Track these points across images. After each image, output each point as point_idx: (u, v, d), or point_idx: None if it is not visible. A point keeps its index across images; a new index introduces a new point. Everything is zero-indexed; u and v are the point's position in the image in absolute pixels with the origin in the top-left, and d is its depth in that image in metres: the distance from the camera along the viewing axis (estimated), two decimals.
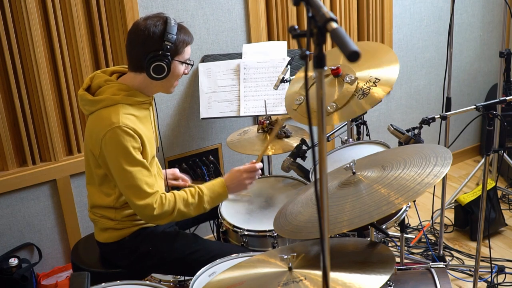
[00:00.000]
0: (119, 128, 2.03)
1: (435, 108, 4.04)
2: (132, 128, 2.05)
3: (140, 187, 2.06)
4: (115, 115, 2.06)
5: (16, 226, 2.88)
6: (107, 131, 2.04)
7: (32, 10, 2.64)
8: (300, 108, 2.38)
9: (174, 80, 2.19)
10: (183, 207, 2.13)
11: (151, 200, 2.07)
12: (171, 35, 2.07)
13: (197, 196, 2.16)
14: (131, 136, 2.05)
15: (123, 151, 2.04)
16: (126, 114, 2.08)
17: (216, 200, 2.21)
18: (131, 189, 2.07)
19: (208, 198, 2.17)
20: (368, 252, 1.74)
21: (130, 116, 2.09)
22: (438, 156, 1.78)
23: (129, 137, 2.04)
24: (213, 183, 2.21)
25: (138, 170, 2.07)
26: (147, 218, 2.11)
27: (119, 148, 2.04)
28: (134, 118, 2.10)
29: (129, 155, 2.05)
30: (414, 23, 3.77)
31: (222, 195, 2.21)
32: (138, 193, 2.07)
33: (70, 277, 1.91)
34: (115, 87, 2.12)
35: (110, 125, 2.04)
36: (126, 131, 2.04)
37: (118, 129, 2.03)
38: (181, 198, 2.13)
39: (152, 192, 2.08)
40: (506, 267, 3.06)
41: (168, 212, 2.10)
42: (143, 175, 2.07)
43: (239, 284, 1.66)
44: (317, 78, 1.16)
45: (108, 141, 2.04)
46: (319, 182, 1.23)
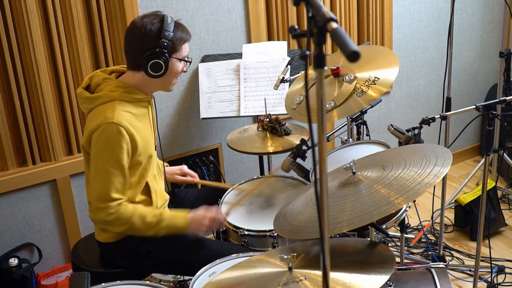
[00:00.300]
0: (112, 124, 2.03)
1: (435, 108, 4.04)
2: (125, 126, 2.04)
3: (107, 190, 2.05)
4: (111, 111, 2.06)
5: (16, 226, 2.88)
6: (100, 125, 2.04)
7: (32, 10, 2.64)
8: (299, 107, 2.38)
9: (173, 77, 2.18)
10: (138, 223, 2.10)
11: (110, 207, 2.05)
12: (168, 32, 2.07)
13: (156, 219, 2.12)
14: (122, 136, 2.03)
15: (108, 148, 2.04)
16: (122, 111, 2.07)
17: (172, 231, 2.16)
18: (98, 187, 2.06)
19: (165, 226, 2.13)
20: (368, 252, 1.74)
21: (127, 113, 2.08)
22: (438, 156, 1.78)
23: (119, 136, 2.03)
24: (176, 215, 2.18)
25: (114, 173, 2.05)
26: (98, 220, 2.11)
27: (107, 144, 2.04)
28: (130, 115, 2.09)
29: (113, 154, 2.04)
30: (414, 23, 3.77)
31: (179, 229, 2.16)
32: (103, 195, 2.05)
33: (70, 277, 1.91)
34: (113, 84, 2.13)
35: (104, 120, 2.04)
36: (118, 129, 2.03)
37: (111, 125, 2.03)
38: (140, 215, 2.10)
39: (116, 198, 2.07)
40: (506, 267, 3.06)
41: (120, 222, 2.08)
42: (117, 180, 2.06)
43: (239, 284, 1.66)
44: (317, 78, 1.16)
45: (98, 134, 2.04)
46: (319, 182, 1.23)
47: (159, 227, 2.12)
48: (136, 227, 2.10)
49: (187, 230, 2.17)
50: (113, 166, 2.05)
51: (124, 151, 2.05)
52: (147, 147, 2.16)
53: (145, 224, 2.11)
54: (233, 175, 3.42)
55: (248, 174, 3.43)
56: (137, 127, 2.10)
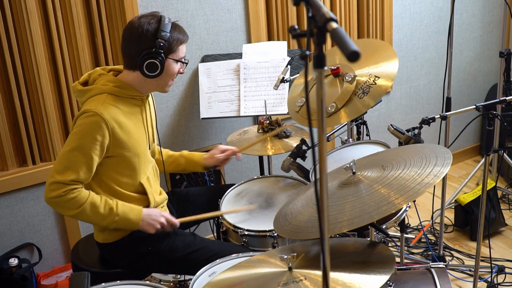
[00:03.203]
0: (94, 114, 2.03)
1: (435, 108, 4.04)
2: (106, 119, 2.03)
3: (67, 173, 2.03)
4: (97, 102, 2.06)
5: (16, 226, 2.88)
6: (84, 112, 2.05)
7: (32, 10, 2.64)
8: (302, 110, 2.38)
9: (169, 78, 2.18)
10: (89, 212, 2.08)
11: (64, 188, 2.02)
12: (164, 33, 2.07)
13: (109, 210, 2.11)
14: (100, 127, 2.03)
15: (83, 135, 2.03)
16: (111, 105, 2.07)
17: (123, 225, 2.14)
18: (58, 167, 2.04)
19: (118, 219, 2.11)
20: (368, 252, 1.74)
21: (114, 108, 2.08)
22: (438, 156, 1.78)
23: (97, 127, 2.03)
24: (131, 207, 2.15)
25: (80, 160, 2.04)
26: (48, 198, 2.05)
27: (82, 131, 2.03)
28: (117, 111, 2.09)
29: (85, 142, 2.03)
30: (414, 23, 3.77)
31: (131, 224, 2.15)
32: (61, 176, 2.03)
33: (70, 277, 1.91)
34: (106, 79, 2.14)
35: (88, 108, 2.05)
36: (97, 120, 2.02)
37: (93, 115, 2.03)
38: (92, 203, 2.08)
39: (73, 183, 2.04)
40: (506, 267, 3.06)
41: (71, 205, 2.05)
42: (80, 168, 2.04)
43: (239, 284, 1.66)
44: (317, 78, 1.16)
45: (79, 120, 2.05)
46: (319, 182, 1.23)
47: (111, 219, 2.11)
48: (87, 214, 2.08)
49: (139, 224, 2.15)
50: (82, 153, 2.04)
51: (97, 143, 2.04)
52: (135, 146, 2.15)
53: (97, 214, 2.09)
54: (233, 175, 3.42)
55: (248, 174, 3.43)
56: (122, 124, 2.09)
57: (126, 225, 2.15)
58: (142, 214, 2.16)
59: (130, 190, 2.20)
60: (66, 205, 2.06)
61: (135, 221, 2.15)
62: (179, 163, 2.54)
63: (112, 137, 2.07)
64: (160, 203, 2.33)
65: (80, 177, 2.05)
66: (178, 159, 2.53)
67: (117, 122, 2.07)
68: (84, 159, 2.04)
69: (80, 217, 2.12)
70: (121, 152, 2.12)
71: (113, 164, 2.13)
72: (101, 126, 2.03)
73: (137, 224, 2.15)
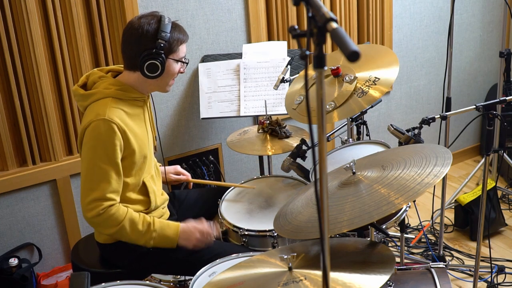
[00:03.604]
0: (104, 120, 2.02)
1: (435, 108, 4.04)
2: (116, 123, 2.03)
3: (100, 188, 2.02)
4: (103, 107, 2.06)
5: (16, 226, 2.88)
6: (92, 121, 2.04)
7: (32, 10, 2.64)
8: (299, 107, 2.38)
9: (169, 78, 2.18)
10: (129, 229, 2.08)
11: (101, 206, 2.02)
12: (164, 33, 2.07)
13: (147, 227, 2.10)
14: (114, 132, 2.03)
15: (100, 145, 2.03)
16: (115, 108, 2.07)
17: (162, 242, 2.13)
18: (90, 185, 2.03)
19: (156, 236, 2.11)
20: (368, 252, 1.74)
21: (119, 111, 2.08)
22: (438, 156, 1.78)
23: (111, 132, 2.02)
24: (168, 224, 2.15)
25: (108, 171, 2.03)
26: (88, 219, 2.06)
27: (99, 141, 2.03)
28: (123, 113, 2.09)
29: (106, 151, 2.03)
30: (414, 23, 3.77)
31: (170, 241, 2.14)
32: (95, 193, 2.02)
33: (70, 277, 1.91)
34: (107, 82, 2.13)
35: (95, 116, 2.04)
36: (109, 125, 2.02)
37: (102, 122, 2.02)
38: (131, 220, 2.08)
39: (109, 198, 2.04)
40: (506, 267, 3.06)
41: (110, 223, 2.05)
42: (111, 178, 2.04)
43: (239, 284, 1.66)
44: (317, 78, 1.16)
45: (89, 131, 2.04)
46: (319, 182, 1.23)
47: (149, 236, 2.10)
48: (127, 232, 2.08)
49: (177, 241, 2.14)
50: (106, 162, 2.03)
51: (117, 147, 2.04)
52: (141, 147, 2.16)
53: (136, 231, 2.09)
54: (233, 175, 3.42)
55: (248, 174, 3.43)
56: (129, 126, 2.10)
57: (164, 242, 2.13)
58: (179, 230, 2.14)
59: (133, 191, 2.20)
60: (106, 223, 2.06)
61: (172, 238, 2.13)
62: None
63: (124, 140, 2.07)
64: (161, 204, 2.33)
65: (113, 187, 2.05)
66: None
67: (125, 125, 2.08)
68: (112, 168, 2.04)
69: (120, 235, 2.10)
70: (129, 154, 2.12)
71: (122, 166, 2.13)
72: (115, 131, 2.03)
73: (175, 240, 2.14)
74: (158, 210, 2.30)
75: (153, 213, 2.27)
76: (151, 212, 2.26)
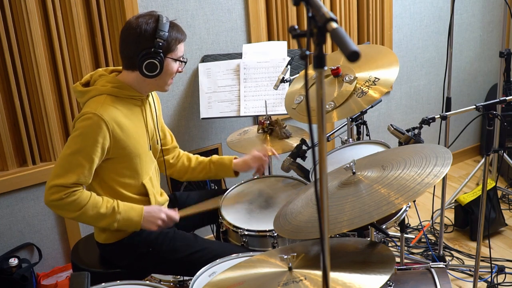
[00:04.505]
0: (94, 115, 2.02)
1: (435, 108, 4.04)
2: (106, 120, 2.03)
3: (68, 177, 2.02)
4: (97, 104, 2.06)
5: (16, 226, 2.88)
6: (83, 114, 2.05)
7: (32, 10, 2.64)
8: (299, 107, 2.38)
9: (168, 78, 2.18)
10: (91, 212, 2.07)
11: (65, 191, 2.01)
12: (163, 32, 2.07)
13: (111, 210, 2.10)
14: (100, 129, 2.02)
15: (83, 138, 2.03)
16: (110, 106, 2.07)
17: (125, 224, 2.13)
18: (59, 171, 2.03)
19: (120, 217, 2.10)
20: (368, 252, 1.74)
21: (113, 109, 2.08)
22: (438, 156, 1.78)
23: (97, 128, 2.02)
24: (131, 206, 2.15)
25: (81, 164, 2.03)
26: (48, 201, 2.04)
27: (83, 133, 2.03)
28: (117, 112, 2.09)
29: (86, 145, 2.02)
30: (414, 23, 3.77)
31: (133, 223, 2.13)
32: (62, 180, 2.02)
33: (70, 277, 1.91)
34: (105, 79, 2.14)
35: (88, 110, 2.04)
36: (97, 121, 2.02)
37: (92, 116, 2.02)
38: (94, 204, 2.07)
39: (73, 186, 2.03)
40: (506, 267, 3.06)
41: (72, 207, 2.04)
42: (81, 172, 2.03)
43: (239, 284, 1.66)
44: (317, 78, 1.16)
45: (78, 122, 2.05)
46: (319, 182, 1.23)
47: (113, 218, 2.10)
48: (89, 215, 2.07)
49: (141, 223, 2.14)
50: (82, 155, 2.03)
51: (98, 144, 2.04)
52: (135, 147, 2.15)
53: (99, 214, 2.08)
54: None
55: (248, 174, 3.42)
56: (122, 125, 2.09)
57: (128, 225, 2.14)
58: (143, 212, 2.15)
59: (132, 191, 2.20)
60: (67, 208, 2.05)
61: (137, 220, 2.14)
62: (210, 169, 2.52)
63: (112, 139, 2.07)
64: (161, 204, 2.33)
65: (80, 179, 2.05)
66: (208, 165, 2.52)
67: (117, 123, 2.07)
68: (86, 162, 2.04)
69: (81, 219, 2.11)
70: (121, 153, 2.12)
71: (114, 166, 2.13)
72: (102, 128, 2.03)
73: (139, 222, 2.15)
74: None
75: None
76: None
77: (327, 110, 2.25)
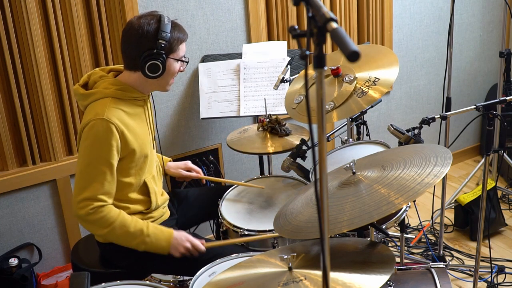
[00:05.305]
0: (102, 120, 2.02)
1: (435, 108, 4.04)
2: (115, 123, 2.03)
3: (93, 187, 2.01)
4: (102, 107, 2.06)
5: (16, 226, 2.88)
6: (90, 120, 2.04)
7: (32, 10, 2.64)
8: (299, 107, 2.38)
9: (170, 78, 2.18)
10: (120, 231, 2.06)
11: (93, 205, 2.01)
12: (165, 33, 2.07)
13: (139, 231, 2.08)
14: (111, 132, 2.02)
15: (97, 145, 2.02)
16: (115, 108, 2.07)
17: (154, 248, 2.11)
18: (83, 184, 2.03)
19: (148, 240, 2.09)
20: (368, 252, 1.74)
21: (119, 111, 2.08)
22: (438, 156, 1.78)
23: (109, 132, 2.02)
24: (162, 230, 2.13)
25: (102, 171, 2.03)
26: (79, 216, 2.04)
27: (96, 140, 2.02)
28: (123, 113, 2.09)
29: (102, 151, 2.02)
30: (414, 23, 3.77)
31: (162, 248, 2.11)
32: (87, 192, 2.01)
33: (70, 277, 1.91)
34: (107, 81, 2.13)
35: (94, 116, 2.04)
36: (107, 125, 2.02)
37: (100, 121, 2.02)
38: (122, 223, 2.07)
39: (101, 198, 2.03)
40: (506, 267, 3.06)
41: (101, 223, 2.04)
42: (104, 179, 2.03)
43: (239, 284, 1.66)
44: (317, 78, 1.16)
45: (87, 130, 2.04)
46: (319, 182, 1.23)
47: (141, 240, 2.09)
48: (117, 234, 2.07)
49: (169, 249, 2.12)
50: (101, 163, 2.03)
51: (113, 148, 2.04)
52: (142, 147, 2.15)
53: (127, 234, 2.07)
54: (233, 175, 3.42)
55: (248, 174, 3.43)
56: (129, 126, 2.10)
57: (155, 248, 2.12)
58: (172, 238, 2.12)
59: (134, 191, 2.20)
60: (97, 224, 2.05)
61: (164, 245, 2.11)
62: None
63: (122, 140, 2.07)
64: (162, 204, 2.33)
65: (105, 187, 2.04)
66: None
67: (124, 125, 2.07)
68: (106, 168, 2.04)
69: (110, 237, 2.10)
70: (129, 154, 2.12)
71: (121, 166, 2.12)
72: (113, 131, 2.03)
73: (167, 248, 2.12)
74: (158, 210, 2.30)
75: (154, 213, 2.27)
76: (152, 212, 2.26)
77: (327, 110, 2.25)
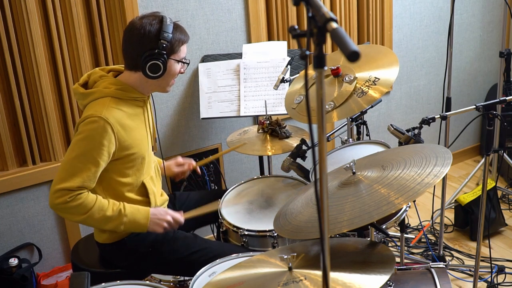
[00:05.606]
0: (99, 118, 2.02)
1: (435, 108, 4.04)
2: (111, 123, 2.03)
3: (74, 180, 2.01)
4: (101, 106, 2.05)
5: (16, 226, 2.88)
6: (88, 117, 2.03)
7: (32, 10, 2.64)
8: (299, 107, 2.38)
9: (170, 79, 2.18)
10: (97, 216, 2.06)
11: (70, 194, 2.00)
12: (167, 33, 2.07)
13: (117, 212, 2.09)
14: (106, 132, 2.02)
15: (89, 141, 2.02)
16: (114, 108, 2.07)
17: (133, 227, 2.13)
18: (65, 174, 2.02)
19: (126, 220, 2.10)
20: (368, 252, 1.74)
21: (118, 111, 2.08)
22: (438, 156, 1.78)
23: (103, 131, 2.02)
24: (138, 209, 2.14)
25: (87, 167, 2.02)
26: (54, 204, 2.03)
27: (89, 136, 2.02)
28: (121, 113, 2.09)
29: (92, 148, 2.01)
30: (414, 23, 3.77)
31: (140, 225, 2.13)
32: (67, 183, 2.00)
33: (70, 277, 1.91)
34: (107, 81, 2.13)
35: (92, 113, 2.04)
36: (103, 125, 2.01)
37: (97, 119, 2.02)
38: (100, 207, 2.06)
39: (79, 187, 2.02)
40: (506, 267, 3.06)
41: (78, 210, 2.03)
42: (86, 175, 2.02)
43: (239, 284, 1.66)
44: (317, 78, 1.16)
45: (83, 125, 2.04)
46: (319, 182, 1.23)
47: (120, 221, 2.09)
48: (95, 219, 2.07)
49: (147, 225, 2.14)
50: (88, 159, 2.02)
51: (104, 148, 2.03)
52: (140, 147, 2.15)
53: (104, 217, 2.07)
54: (233, 175, 3.42)
55: (248, 174, 3.43)
56: (127, 126, 2.09)
57: (134, 227, 2.13)
58: (150, 214, 2.15)
59: (132, 191, 2.20)
60: (73, 211, 2.04)
61: (143, 223, 2.13)
62: None
63: (118, 141, 2.06)
64: (161, 204, 2.33)
65: (85, 183, 2.04)
66: None
67: (121, 126, 2.07)
68: (91, 165, 2.03)
69: (87, 222, 2.10)
70: (126, 155, 2.11)
71: (117, 166, 2.13)
72: (107, 131, 2.02)
73: (146, 225, 2.14)
74: None
75: None
76: None
77: (327, 110, 2.25)
